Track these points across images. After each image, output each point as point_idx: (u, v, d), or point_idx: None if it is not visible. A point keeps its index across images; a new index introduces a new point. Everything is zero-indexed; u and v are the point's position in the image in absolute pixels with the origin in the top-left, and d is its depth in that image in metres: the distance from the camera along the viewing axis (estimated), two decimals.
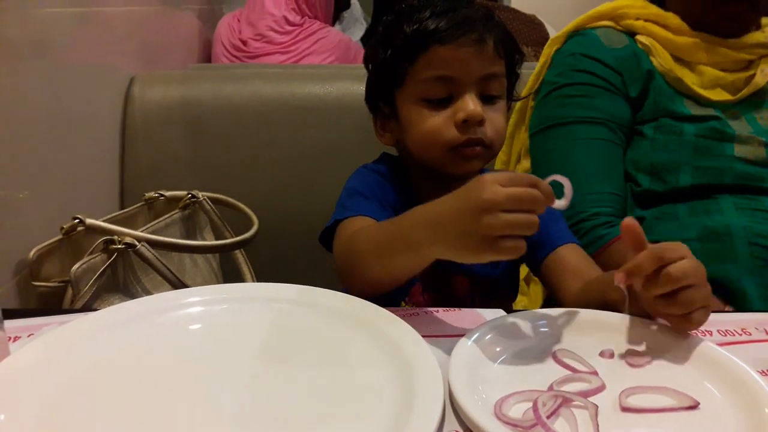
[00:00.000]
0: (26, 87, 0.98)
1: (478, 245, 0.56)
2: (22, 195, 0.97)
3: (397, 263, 0.66)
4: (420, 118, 0.78)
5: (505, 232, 0.55)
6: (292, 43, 1.84)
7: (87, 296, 0.90)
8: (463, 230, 0.57)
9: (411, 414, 0.48)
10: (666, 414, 0.52)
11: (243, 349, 0.59)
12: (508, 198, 0.55)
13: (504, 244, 0.55)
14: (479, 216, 0.55)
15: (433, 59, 0.77)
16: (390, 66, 0.81)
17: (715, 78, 1.03)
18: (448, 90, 0.77)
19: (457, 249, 0.59)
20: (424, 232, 0.61)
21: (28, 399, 0.50)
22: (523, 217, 0.55)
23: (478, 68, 0.76)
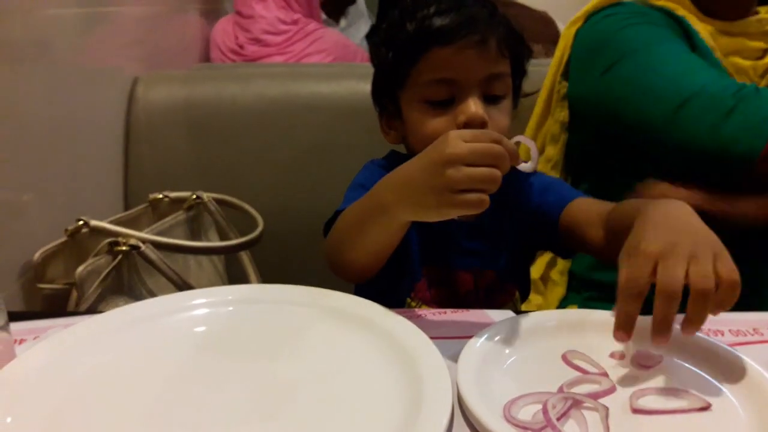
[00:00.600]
0: (30, 89, 0.98)
1: (441, 199, 0.58)
2: (27, 197, 0.97)
3: (370, 234, 0.67)
4: (422, 121, 0.78)
5: (467, 186, 0.57)
6: (289, 45, 1.83)
7: (92, 298, 0.90)
8: (426, 185, 0.58)
9: (419, 417, 0.48)
10: (677, 415, 0.51)
11: (249, 351, 0.59)
12: (470, 152, 0.57)
13: (466, 197, 0.57)
14: (442, 170, 0.57)
15: (434, 61, 0.75)
16: (392, 66, 0.80)
17: (731, 64, 1.02)
18: (450, 92, 0.76)
19: (422, 205, 0.60)
20: (391, 193, 0.63)
21: (34, 401, 0.50)
22: (485, 171, 0.57)
23: (480, 69, 0.75)
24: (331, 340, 0.60)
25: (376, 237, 0.68)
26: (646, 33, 0.99)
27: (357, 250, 0.70)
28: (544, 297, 1.14)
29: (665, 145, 0.85)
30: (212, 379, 0.55)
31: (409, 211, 0.62)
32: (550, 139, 1.16)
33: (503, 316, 0.66)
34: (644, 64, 0.96)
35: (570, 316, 0.65)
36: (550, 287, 1.14)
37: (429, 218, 0.61)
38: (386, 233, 0.67)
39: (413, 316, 0.66)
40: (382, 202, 0.64)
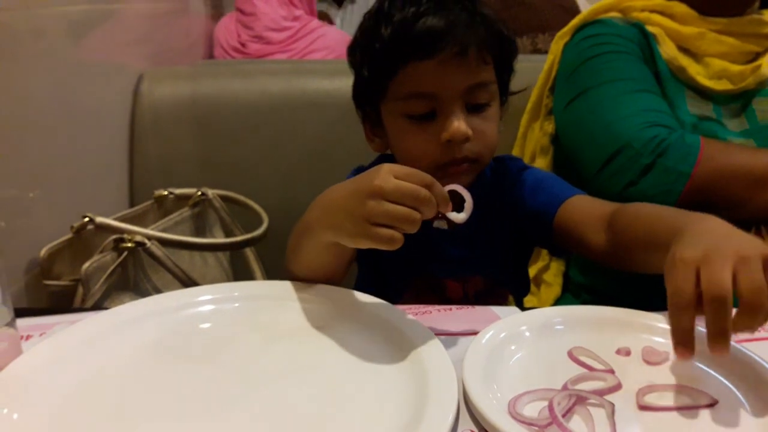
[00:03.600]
0: (35, 85, 0.98)
1: (357, 227, 0.57)
2: (33, 194, 0.97)
3: (303, 250, 0.68)
4: (403, 135, 0.75)
5: (383, 221, 0.56)
6: (291, 42, 1.83)
7: (98, 295, 0.91)
8: (347, 211, 0.58)
9: (425, 413, 0.48)
10: (684, 412, 0.51)
11: (254, 347, 0.59)
12: (395, 189, 0.56)
13: (378, 231, 0.56)
14: (365, 199, 0.56)
15: (412, 75, 0.72)
16: (371, 76, 0.76)
17: (721, 69, 1.01)
18: (431, 106, 0.72)
19: (339, 229, 0.60)
20: (318, 213, 0.64)
21: (41, 397, 0.50)
22: (404, 210, 0.56)
23: (461, 81, 0.72)
24: (336, 337, 0.60)
25: (308, 255, 0.68)
26: (605, 67, 1.01)
27: (296, 263, 0.70)
28: (537, 298, 1.14)
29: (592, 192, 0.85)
30: (217, 375, 0.55)
31: (329, 233, 0.61)
32: (540, 151, 1.17)
33: (509, 312, 0.66)
34: (592, 106, 0.99)
35: (576, 312, 0.64)
36: (543, 289, 1.15)
37: (345, 242, 0.60)
38: (315, 251, 0.67)
39: (419, 312, 0.66)
40: (309, 221, 0.65)
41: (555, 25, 1.19)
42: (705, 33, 1.01)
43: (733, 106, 1.01)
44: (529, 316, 0.63)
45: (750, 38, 1.02)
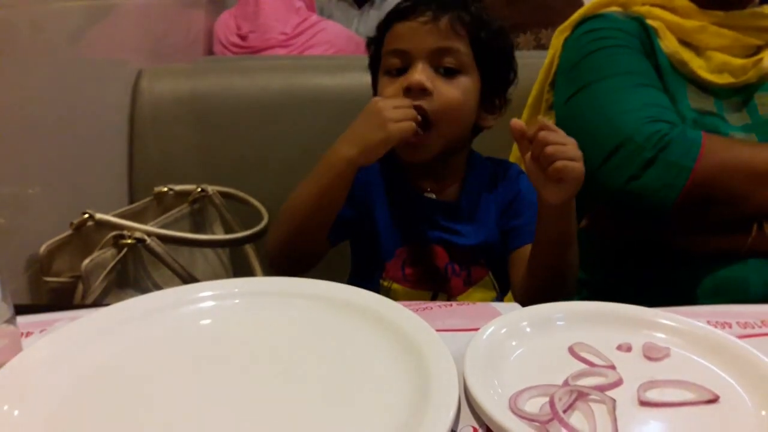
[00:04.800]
0: (34, 82, 0.98)
1: (381, 128, 0.77)
2: (32, 191, 0.97)
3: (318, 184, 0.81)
4: (381, 90, 0.87)
5: (396, 115, 0.77)
6: (292, 37, 1.83)
7: (98, 291, 0.91)
8: (369, 123, 0.78)
9: (426, 410, 0.48)
10: (685, 408, 0.51)
11: (255, 343, 0.59)
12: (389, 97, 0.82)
13: (398, 124, 0.77)
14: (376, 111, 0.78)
15: (392, 35, 0.85)
16: (374, 49, 0.91)
17: (722, 63, 1.01)
18: (404, 62, 0.84)
19: (365, 139, 0.78)
20: (340, 144, 0.80)
21: (41, 394, 0.50)
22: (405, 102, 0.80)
23: (429, 41, 0.82)
24: (337, 333, 0.60)
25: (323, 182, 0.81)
26: (606, 62, 1.01)
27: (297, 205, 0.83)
28: None
29: (594, 187, 0.89)
30: (218, 372, 0.55)
31: (354, 149, 0.78)
32: None
33: (509, 308, 0.66)
34: (593, 101, 1.00)
35: (576, 308, 0.64)
36: None
37: (371, 150, 0.78)
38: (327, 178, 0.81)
39: (419, 308, 0.66)
40: (332, 155, 0.80)
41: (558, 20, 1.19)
42: (706, 26, 1.00)
43: (735, 101, 1.01)
44: (530, 311, 0.63)
45: (751, 31, 1.02)
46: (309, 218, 0.82)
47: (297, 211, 0.83)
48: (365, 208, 0.90)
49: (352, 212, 0.89)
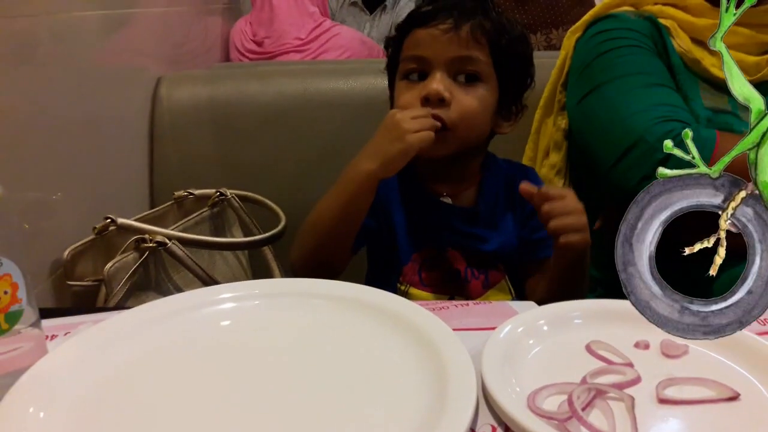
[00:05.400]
0: (56, 90, 1.00)
1: (401, 141, 0.77)
2: (55, 196, 0.98)
3: (341, 198, 0.82)
4: (398, 95, 0.87)
5: (415, 126, 0.77)
6: (306, 42, 1.84)
7: (120, 294, 0.92)
8: (388, 137, 0.78)
9: (444, 409, 0.48)
10: (705, 405, 0.51)
11: (275, 344, 0.60)
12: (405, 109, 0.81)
13: (417, 134, 0.77)
14: (395, 123, 0.78)
15: (412, 40, 0.85)
16: (392, 52, 0.90)
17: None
18: (423, 68, 0.84)
19: (386, 152, 0.78)
20: (360, 159, 0.81)
21: (66, 396, 0.51)
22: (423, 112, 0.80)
23: (449, 50, 0.82)
24: (355, 333, 0.61)
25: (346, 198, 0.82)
26: (618, 62, 1.00)
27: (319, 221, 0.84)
28: None
29: (608, 187, 0.90)
30: (238, 372, 0.55)
31: (376, 162, 0.79)
32: (554, 146, 1.17)
33: (526, 307, 0.66)
34: (606, 101, 0.99)
35: (593, 306, 0.64)
36: None
37: (391, 161, 0.78)
38: (349, 191, 0.81)
39: (437, 308, 0.66)
40: (354, 169, 0.81)
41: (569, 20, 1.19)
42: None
43: None
44: (547, 310, 0.63)
45: (765, 29, 1.00)
46: (333, 232, 0.83)
47: (320, 225, 0.83)
48: (384, 215, 0.90)
49: (372, 221, 0.89)
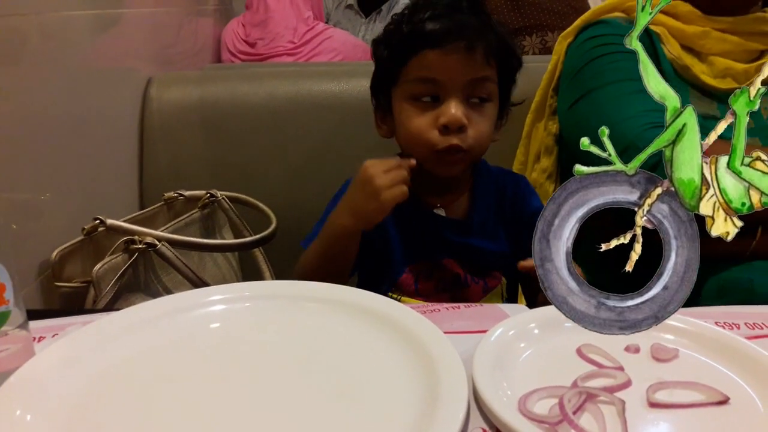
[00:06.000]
0: (45, 90, 0.99)
1: (374, 198, 0.77)
2: (44, 197, 0.98)
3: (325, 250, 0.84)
4: (407, 117, 0.83)
5: (387, 182, 0.77)
6: (299, 45, 1.84)
7: (109, 296, 0.91)
8: (363, 193, 0.78)
9: (435, 412, 0.48)
10: (695, 409, 0.51)
11: (265, 346, 0.59)
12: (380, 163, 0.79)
13: (391, 190, 0.77)
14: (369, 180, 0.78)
15: (422, 62, 0.81)
16: (387, 64, 0.86)
17: (725, 68, 1.00)
18: (435, 91, 0.81)
19: (361, 209, 0.79)
20: (339, 212, 0.82)
21: (54, 398, 0.51)
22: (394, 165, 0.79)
23: (465, 73, 0.80)
24: (346, 336, 0.60)
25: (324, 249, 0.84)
26: (609, 68, 1.01)
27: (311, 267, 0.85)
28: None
29: None
30: (228, 375, 0.55)
31: (352, 219, 0.80)
32: (545, 151, 1.17)
33: (517, 310, 0.66)
34: (596, 107, 1.00)
35: None
36: None
37: (367, 218, 0.79)
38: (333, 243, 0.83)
39: (427, 310, 0.66)
40: (333, 224, 0.82)
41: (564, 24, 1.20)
42: (709, 32, 1.00)
43: None
44: (538, 313, 0.63)
45: (754, 37, 1.01)
46: (320, 278, 0.81)
47: (309, 273, 0.84)
48: (377, 229, 0.90)
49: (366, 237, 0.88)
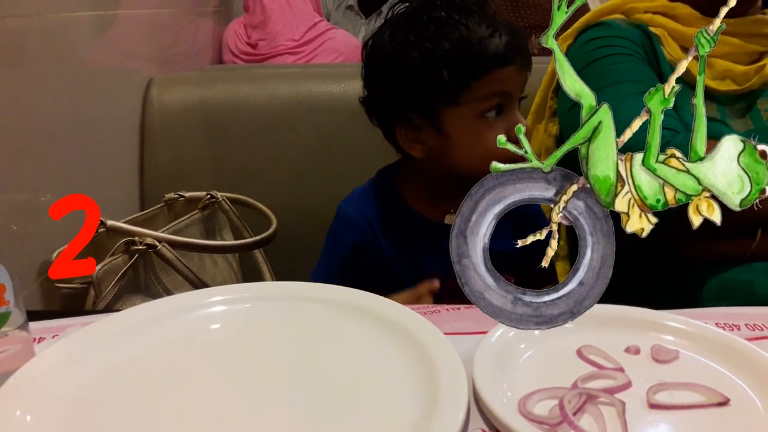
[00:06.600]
0: (46, 91, 0.99)
1: None
2: (44, 198, 0.98)
3: None
4: (481, 133, 0.82)
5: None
6: (301, 44, 1.84)
7: (109, 297, 0.91)
8: None
9: (436, 413, 0.48)
10: (695, 410, 0.51)
11: (266, 347, 0.59)
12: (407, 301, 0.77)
13: None
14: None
15: (494, 79, 0.81)
16: (443, 85, 0.81)
17: (724, 70, 1.00)
18: (501, 103, 0.83)
19: None
20: None
21: (54, 399, 0.51)
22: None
23: (524, 83, 0.85)
24: (346, 336, 0.60)
25: None
26: (609, 70, 1.00)
27: None
28: None
29: None
30: (229, 376, 0.55)
31: None
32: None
33: None
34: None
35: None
36: None
37: None
38: None
39: (427, 311, 0.66)
40: None
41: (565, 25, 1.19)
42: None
43: (738, 107, 1.00)
44: None
45: (754, 38, 1.01)
46: None
47: None
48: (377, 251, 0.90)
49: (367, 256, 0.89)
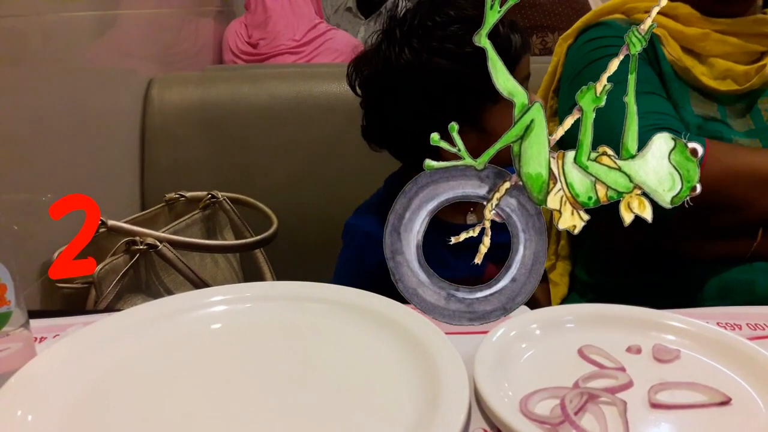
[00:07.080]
0: (47, 91, 0.99)
1: None
2: (45, 198, 0.98)
3: None
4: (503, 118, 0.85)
5: None
6: (302, 44, 1.84)
7: (110, 297, 0.91)
8: None
9: (437, 412, 0.48)
10: (697, 410, 0.51)
11: (266, 347, 0.59)
12: None
13: None
14: None
15: (521, 67, 0.89)
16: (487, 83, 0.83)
17: (725, 69, 1.00)
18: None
19: None
20: None
21: (55, 399, 0.51)
22: None
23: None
24: (347, 336, 0.60)
25: None
26: None
27: None
28: None
29: None
30: (230, 375, 0.55)
31: None
32: None
33: (519, 311, 0.65)
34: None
35: (586, 310, 0.64)
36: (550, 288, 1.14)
37: None
38: None
39: None
40: None
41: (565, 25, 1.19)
42: (709, 33, 1.00)
43: (738, 107, 1.00)
44: (540, 314, 0.63)
45: (754, 38, 1.01)
46: None
47: None
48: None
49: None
